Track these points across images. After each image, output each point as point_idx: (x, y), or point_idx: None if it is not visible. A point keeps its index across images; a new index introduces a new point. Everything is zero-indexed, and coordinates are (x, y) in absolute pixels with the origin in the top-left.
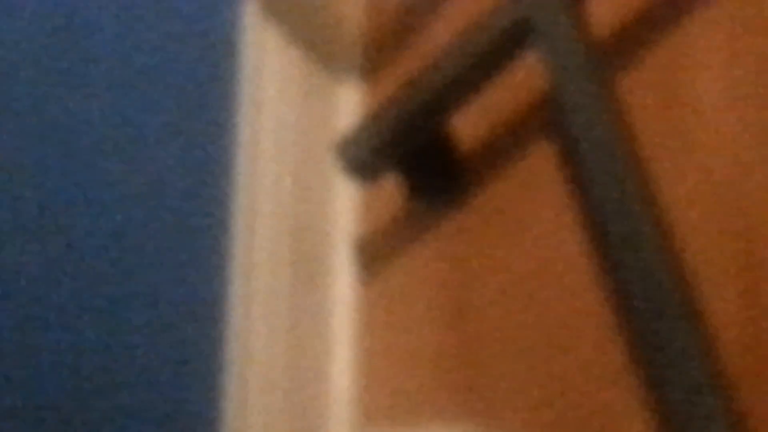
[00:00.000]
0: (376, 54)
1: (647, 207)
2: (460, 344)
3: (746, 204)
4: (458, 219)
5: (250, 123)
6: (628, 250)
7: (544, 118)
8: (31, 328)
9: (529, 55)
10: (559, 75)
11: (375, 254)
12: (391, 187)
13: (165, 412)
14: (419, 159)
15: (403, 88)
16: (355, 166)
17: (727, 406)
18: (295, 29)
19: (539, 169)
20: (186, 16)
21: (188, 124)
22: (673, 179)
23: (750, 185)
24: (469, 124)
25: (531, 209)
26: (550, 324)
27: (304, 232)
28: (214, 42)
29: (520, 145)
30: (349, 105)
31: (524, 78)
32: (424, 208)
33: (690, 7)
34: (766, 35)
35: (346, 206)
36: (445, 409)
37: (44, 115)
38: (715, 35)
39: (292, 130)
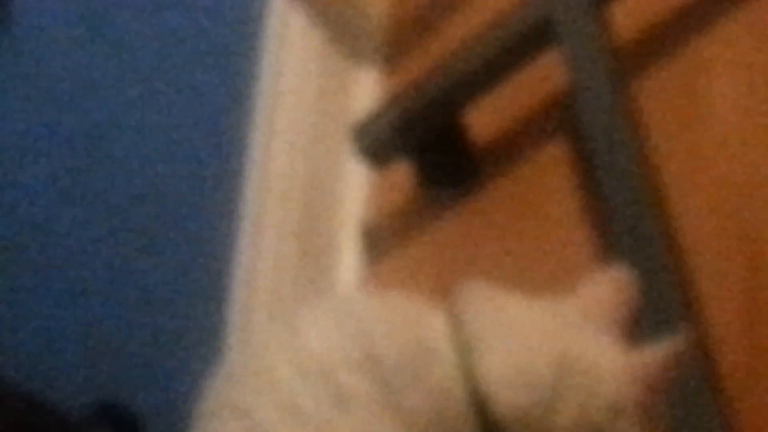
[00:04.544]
0: (396, 41)
1: (656, 209)
2: None
3: (756, 215)
4: (467, 209)
5: (268, 103)
6: (638, 246)
7: (560, 116)
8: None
9: (549, 54)
10: (577, 75)
11: (382, 239)
12: (403, 174)
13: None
14: (432, 148)
15: (421, 77)
16: (369, 150)
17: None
18: (319, 13)
19: (551, 168)
20: None
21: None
22: (683, 186)
23: (762, 196)
24: (485, 117)
25: (540, 208)
26: None
27: (313, 214)
28: (236, 21)
29: (534, 142)
30: (367, 90)
31: (542, 75)
32: (433, 197)
33: (709, 18)
34: None
35: (356, 190)
36: None
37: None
38: (732, 47)
39: (308, 112)
